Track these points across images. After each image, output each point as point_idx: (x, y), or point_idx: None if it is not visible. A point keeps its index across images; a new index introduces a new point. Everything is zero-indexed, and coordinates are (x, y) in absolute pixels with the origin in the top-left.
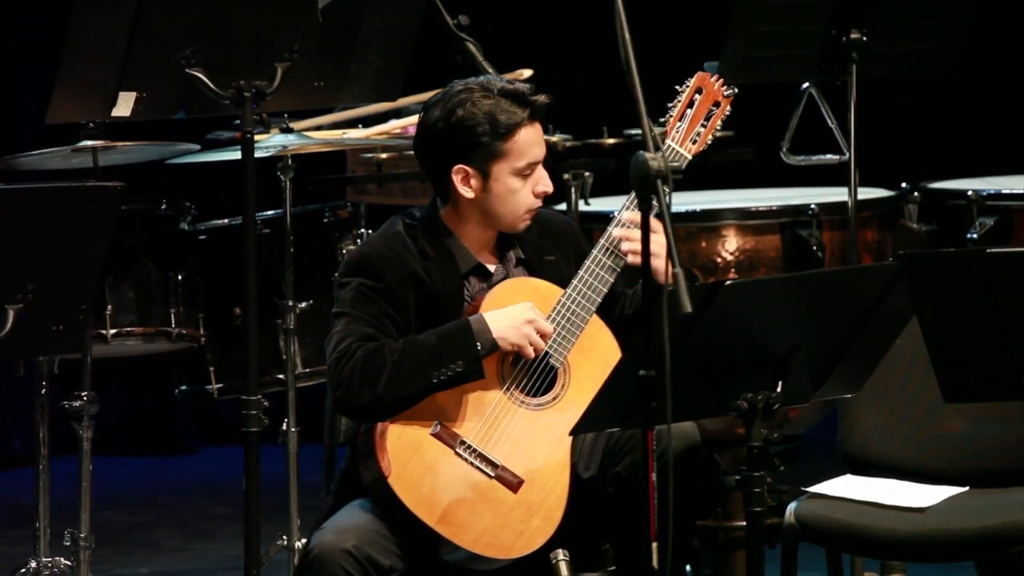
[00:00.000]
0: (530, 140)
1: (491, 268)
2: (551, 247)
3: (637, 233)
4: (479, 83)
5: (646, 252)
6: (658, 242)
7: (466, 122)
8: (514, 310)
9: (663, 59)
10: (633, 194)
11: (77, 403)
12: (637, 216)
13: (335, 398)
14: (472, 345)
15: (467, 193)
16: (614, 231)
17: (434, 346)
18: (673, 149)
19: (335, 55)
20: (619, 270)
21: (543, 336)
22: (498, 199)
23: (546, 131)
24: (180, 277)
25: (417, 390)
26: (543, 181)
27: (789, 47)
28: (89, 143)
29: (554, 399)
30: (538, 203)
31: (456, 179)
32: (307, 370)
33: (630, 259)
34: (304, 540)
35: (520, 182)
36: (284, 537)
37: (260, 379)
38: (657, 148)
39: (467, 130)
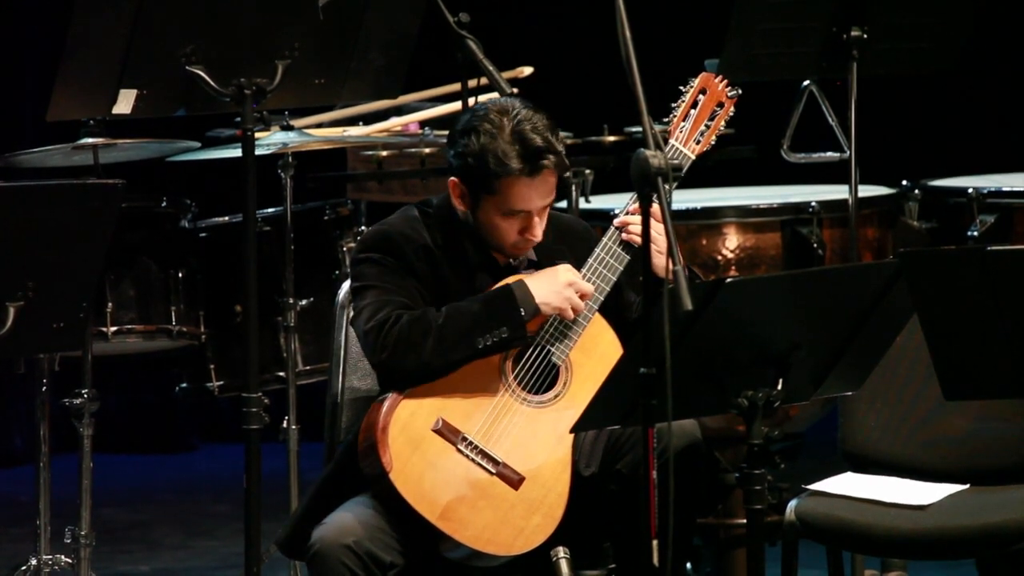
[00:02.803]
0: (519, 192)
1: (502, 265)
2: (565, 251)
3: (639, 218)
4: (504, 112)
5: (647, 250)
6: (659, 237)
7: (466, 147)
8: (554, 274)
9: (664, 57)
10: (635, 194)
11: (78, 401)
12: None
13: (379, 360)
14: (516, 311)
15: (459, 206)
16: (616, 220)
17: (478, 313)
18: (677, 149)
19: (336, 52)
20: (622, 268)
21: (583, 296)
22: (482, 226)
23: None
24: (181, 275)
25: (463, 355)
26: (531, 230)
27: (789, 45)
28: (90, 140)
29: (556, 397)
30: (526, 244)
31: (452, 189)
32: (307, 367)
33: (634, 240)
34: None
35: (504, 221)
36: None
37: (260, 376)
38: (658, 146)
39: (464, 154)
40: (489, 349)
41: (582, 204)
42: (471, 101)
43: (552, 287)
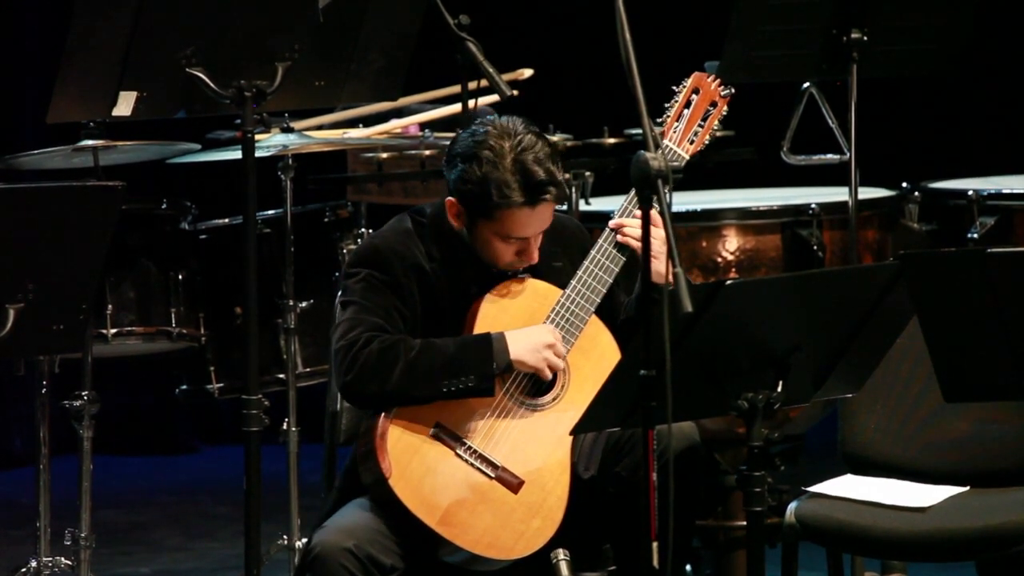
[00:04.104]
0: (519, 221)
1: (495, 273)
2: (560, 253)
3: (635, 221)
4: (505, 136)
5: (647, 251)
6: (658, 240)
7: (466, 172)
8: (535, 333)
9: (663, 59)
10: (632, 194)
11: (78, 402)
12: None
13: (343, 382)
14: (488, 363)
15: (455, 224)
16: (611, 222)
17: (451, 355)
18: (671, 149)
19: (336, 54)
20: (618, 269)
21: (560, 359)
22: (477, 244)
23: (546, 131)
24: (180, 276)
25: (426, 394)
26: (527, 253)
27: (790, 47)
28: (90, 142)
29: (554, 399)
30: (521, 264)
31: (449, 208)
32: (308, 369)
33: (630, 243)
34: (305, 539)
35: (501, 244)
36: (285, 536)
37: (260, 378)
38: (657, 147)
39: (463, 179)
40: (453, 394)
41: (582, 206)
42: (471, 103)
43: (530, 346)
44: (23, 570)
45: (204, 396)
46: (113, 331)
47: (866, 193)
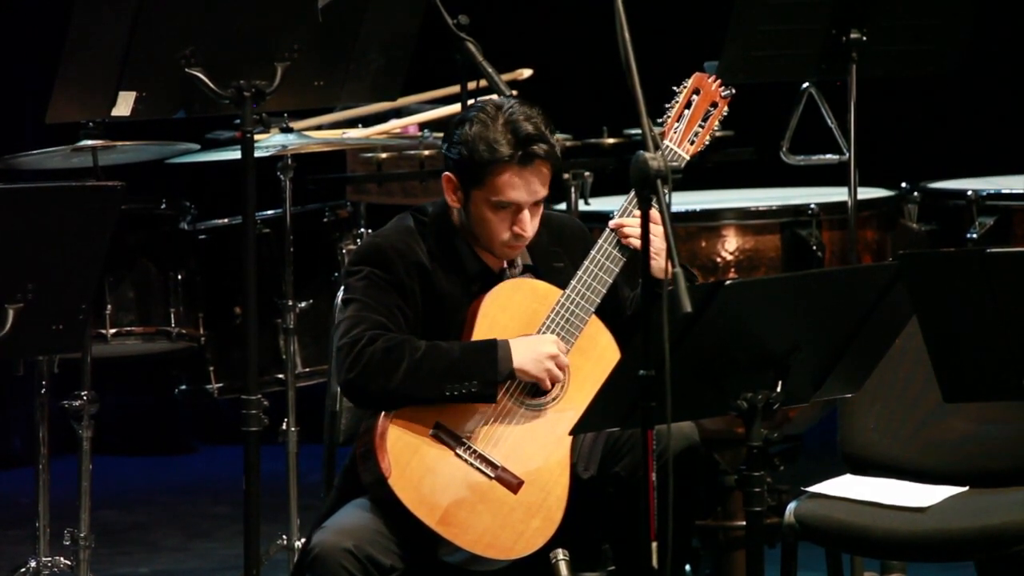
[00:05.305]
0: (509, 182)
1: (496, 272)
2: (561, 253)
3: (635, 221)
4: (499, 106)
5: (646, 252)
6: (658, 238)
7: (458, 138)
8: (539, 343)
9: (663, 59)
10: (631, 195)
11: (77, 403)
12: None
13: (346, 379)
14: (492, 369)
15: (452, 201)
16: (611, 221)
17: (456, 360)
18: (671, 149)
19: (335, 54)
20: (618, 269)
21: (562, 369)
22: (473, 221)
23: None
24: (180, 277)
25: (428, 396)
26: (521, 224)
27: (789, 47)
28: (89, 143)
29: (553, 399)
30: (517, 241)
31: (445, 184)
32: (307, 369)
33: (631, 243)
34: (304, 539)
35: (493, 215)
36: (284, 536)
37: (260, 378)
38: (657, 148)
39: (456, 143)
40: (455, 398)
41: (581, 206)
42: (470, 103)
43: (533, 356)
44: (22, 570)
45: (203, 396)
46: (113, 331)
47: (865, 193)
